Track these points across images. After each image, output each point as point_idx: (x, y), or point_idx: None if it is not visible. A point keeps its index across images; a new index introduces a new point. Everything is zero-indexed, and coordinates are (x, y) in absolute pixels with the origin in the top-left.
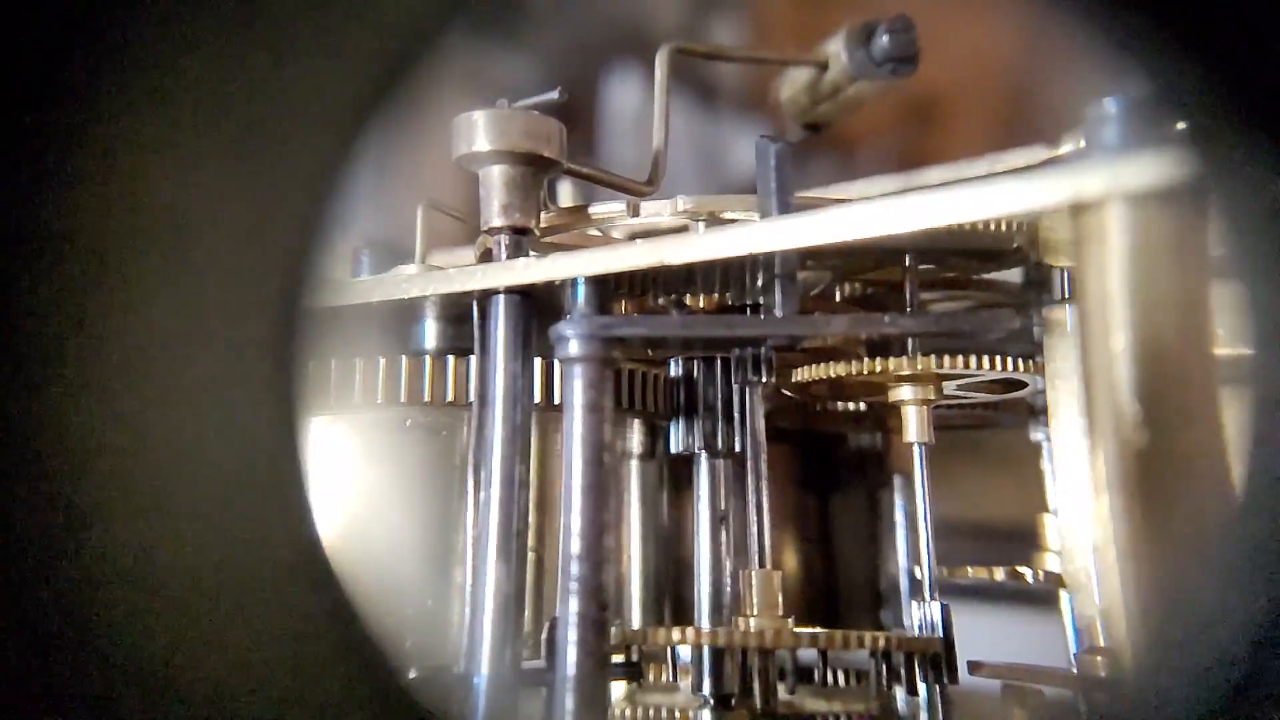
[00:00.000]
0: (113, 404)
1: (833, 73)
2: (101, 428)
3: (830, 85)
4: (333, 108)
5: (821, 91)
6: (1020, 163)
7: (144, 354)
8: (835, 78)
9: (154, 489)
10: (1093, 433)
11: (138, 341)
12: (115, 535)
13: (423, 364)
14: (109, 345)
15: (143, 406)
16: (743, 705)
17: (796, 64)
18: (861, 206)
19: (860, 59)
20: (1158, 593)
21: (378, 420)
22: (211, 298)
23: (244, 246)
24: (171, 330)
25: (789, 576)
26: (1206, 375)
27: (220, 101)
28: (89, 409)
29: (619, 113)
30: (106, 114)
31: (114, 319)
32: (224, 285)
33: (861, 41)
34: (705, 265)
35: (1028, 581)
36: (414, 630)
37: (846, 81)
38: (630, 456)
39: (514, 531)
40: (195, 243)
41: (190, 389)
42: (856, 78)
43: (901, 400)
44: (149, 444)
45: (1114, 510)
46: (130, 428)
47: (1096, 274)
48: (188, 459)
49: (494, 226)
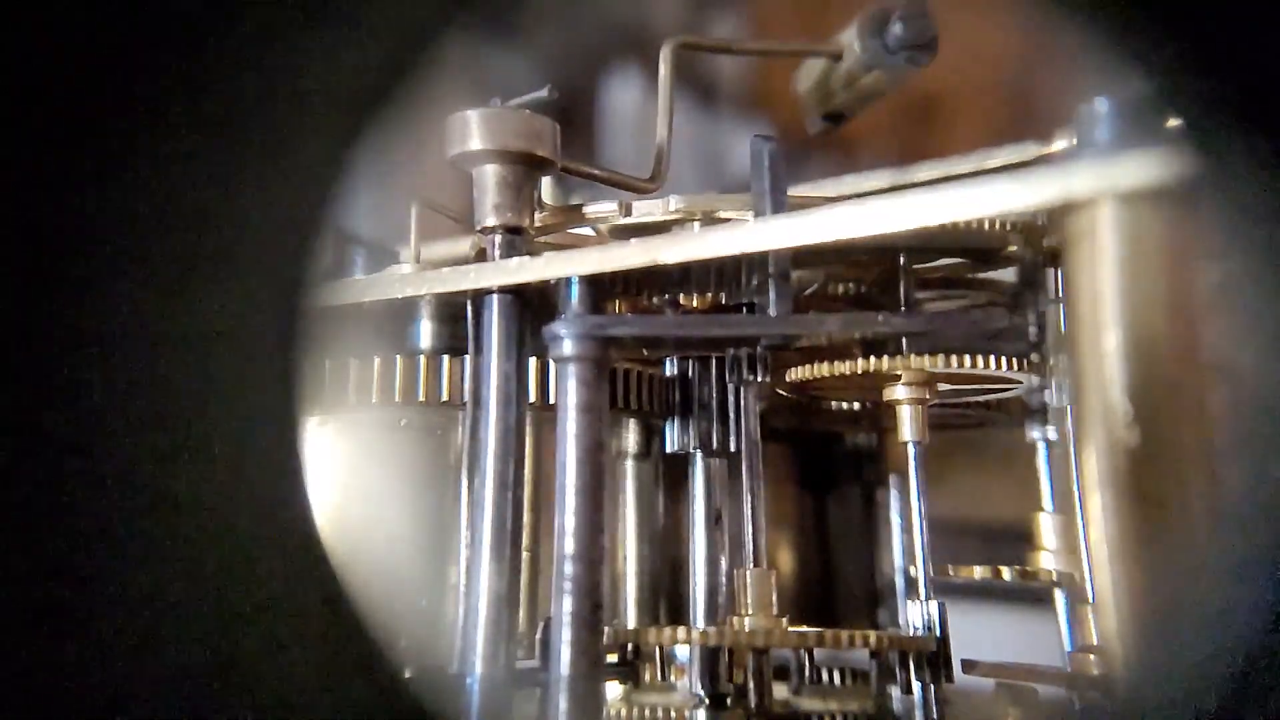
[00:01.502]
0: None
1: (847, 63)
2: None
3: (845, 76)
4: (334, 109)
5: (837, 82)
6: (1011, 159)
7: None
8: (850, 68)
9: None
10: (1084, 432)
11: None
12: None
13: (417, 364)
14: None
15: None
16: (738, 705)
17: (806, 55)
18: (854, 206)
19: (874, 48)
20: (1150, 591)
21: (372, 420)
22: (214, 299)
23: (246, 248)
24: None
25: (784, 576)
26: (1198, 374)
27: (230, 105)
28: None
29: (619, 112)
30: (111, 117)
31: (117, 322)
32: (226, 286)
33: (875, 30)
34: (699, 265)
35: (1022, 580)
36: (409, 630)
37: (861, 71)
38: (625, 456)
39: (508, 531)
40: (200, 244)
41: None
42: (871, 67)
43: (896, 399)
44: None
45: (1105, 509)
46: (134, 430)
47: (1087, 273)
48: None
49: (488, 226)
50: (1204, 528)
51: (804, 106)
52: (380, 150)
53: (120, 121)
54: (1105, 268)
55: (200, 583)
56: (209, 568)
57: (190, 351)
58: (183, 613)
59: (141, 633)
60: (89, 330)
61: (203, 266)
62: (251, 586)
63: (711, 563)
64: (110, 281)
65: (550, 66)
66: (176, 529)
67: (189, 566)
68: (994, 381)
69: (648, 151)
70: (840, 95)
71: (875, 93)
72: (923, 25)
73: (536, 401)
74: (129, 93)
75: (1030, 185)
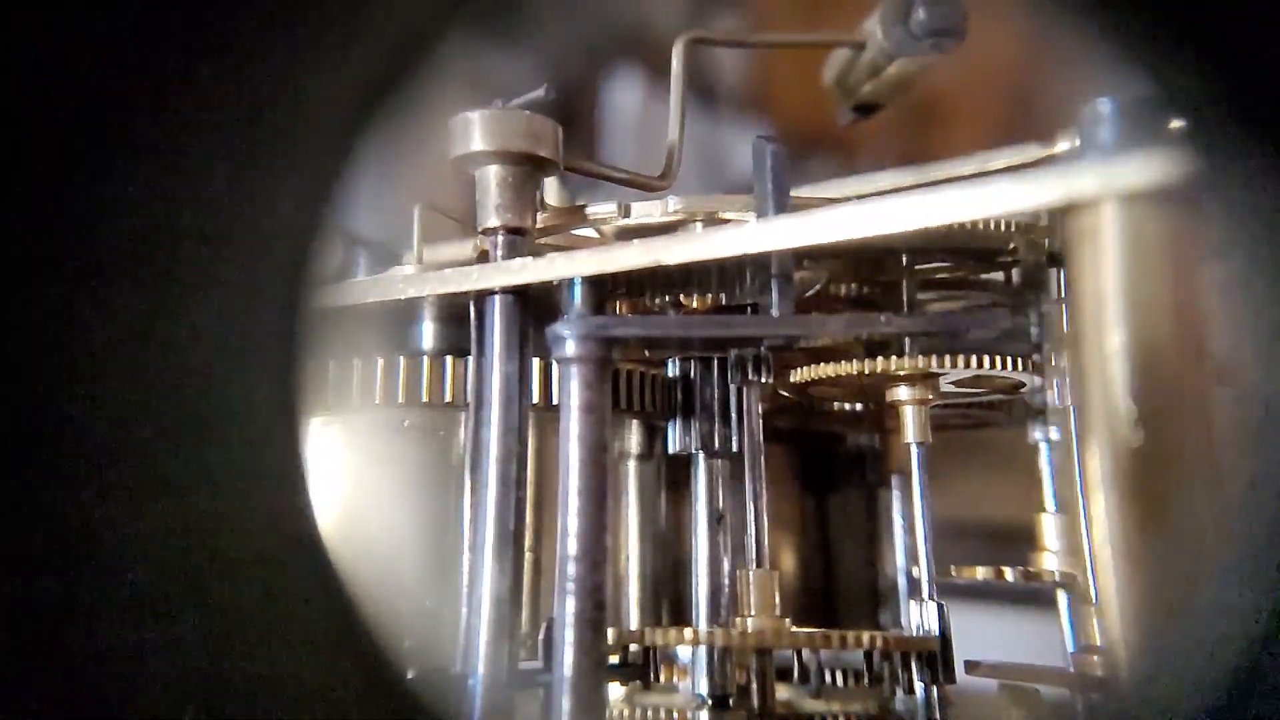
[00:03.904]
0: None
1: (870, 52)
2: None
3: (870, 65)
4: (335, 111)
5: (862, 72)
6: (1014, 161)
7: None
8: (873, 57)
9: (155, 491)
10: (1087, 432)
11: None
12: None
13: (420, 365)
14: (113, 351)
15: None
16: (740, 706)
17: (825, 46)
18: (857, 207)
19: (898, 35)
20: (1153, 591)
21: (375, 421)
22: (215, 300)
23: (248, 249)
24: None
25: (787, 577)
26: (1201, 374)
27: (229, 107)
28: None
29: (621, 113)
30: (111, 117)
31: (119, 325)
32: (227, 287)
33: (899, 17)
34: (702, 265)
35: (1025, 581)
36: (411, 631)
37: (885, 60)
38: (628, 457)
39: (511, 532)
40: (201, 248)
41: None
42: (895, 55)
43: (899, 400)
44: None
45: (1108, 509)
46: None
47: (1091, 273)
48: (190, 461)
49: (490, 227)
50: (1207, 528)
51: (833, 97)
52: (383, 151)
53: (120, 121)
54: (1108, 268)
55: (202, 584)
56: (211, 568)
57: (191, 352)
58: (184, 614)
59: (143, 634)
60: (89, 331)
61: (204, 267)
62: (253, 587)
63: (714, 564)
64: (110, 282)
65: (551, 67)
66: (177, 530)
67: (190, 568)
68: (996, 382)
69: (650, 151)
70: (866, 86)
71: (903, 81)
72: (949, 9)
73: (539, 402)
74: (129, 93)
75: (1033, 186)
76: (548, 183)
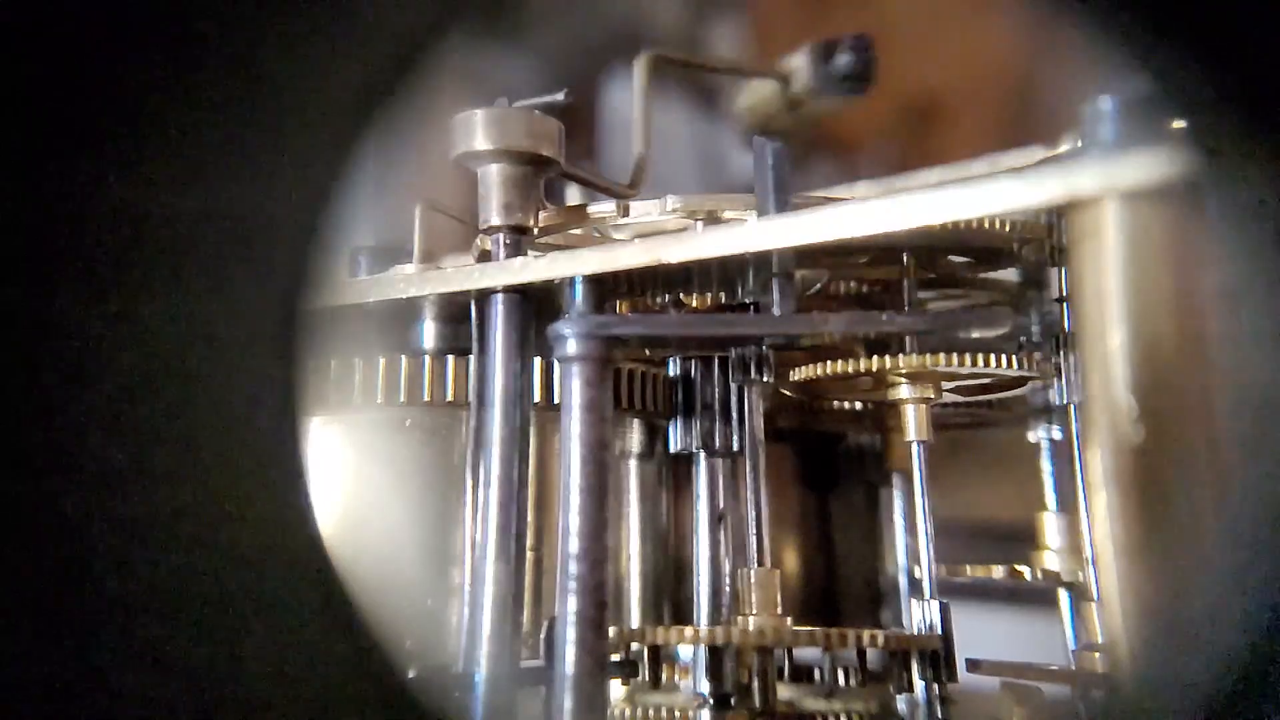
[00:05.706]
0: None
1: (795, 86)
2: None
3: (791, 99)
4: (335, 110)
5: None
6: (1017, 164)
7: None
8: (796, 91)
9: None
10: (1089, 430)
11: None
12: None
13: (422, 364)
14: (113, 351)
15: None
16: (742, 705)
17: (764, 75)
18: (859, 205)
19: (821, 74)
20: (1155, 589)
21: (377, 421)
22: (215, 300)
23: (248, 249)
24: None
25: (788, 575)
26: (1203, 372)
27: (228, 105)
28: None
29: (621, 114)
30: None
31: (120, 325)
32: (228, 287)
33: (824, 57)
34: (703, 264)
35: (1027, 580)
36: (413, 630)
37: (806, 96)
38: (629, 456)
39: (513, 531)
40: (200, 246)
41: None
42: (817, 92)
43: (900, 399)
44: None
45: (1110, 507)
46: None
47: (1093, 271)
48: (190, 461)
49: (492, 226)
50: (1209, 525)
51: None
52: (383, 150)
53: (119, 121)
54: (1110, 266)
55: (202, 584)
56: (211, 569)
57: (191, 352)
58: (185, 615)
59: (143, 635)
60: (90, 332)
61: (205, 267)
62: (254, 587)
63: (715, 562)
64: (110, 282)
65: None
66: (178, 531)
67: (190, 568)
68: (998, 380)
69: (651, 151)
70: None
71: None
72: (866, 59)
73: (541, 401)
74: (128, 92)
75: (1035, 184)
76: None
